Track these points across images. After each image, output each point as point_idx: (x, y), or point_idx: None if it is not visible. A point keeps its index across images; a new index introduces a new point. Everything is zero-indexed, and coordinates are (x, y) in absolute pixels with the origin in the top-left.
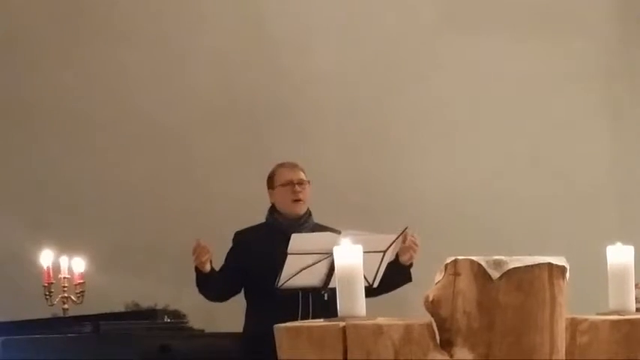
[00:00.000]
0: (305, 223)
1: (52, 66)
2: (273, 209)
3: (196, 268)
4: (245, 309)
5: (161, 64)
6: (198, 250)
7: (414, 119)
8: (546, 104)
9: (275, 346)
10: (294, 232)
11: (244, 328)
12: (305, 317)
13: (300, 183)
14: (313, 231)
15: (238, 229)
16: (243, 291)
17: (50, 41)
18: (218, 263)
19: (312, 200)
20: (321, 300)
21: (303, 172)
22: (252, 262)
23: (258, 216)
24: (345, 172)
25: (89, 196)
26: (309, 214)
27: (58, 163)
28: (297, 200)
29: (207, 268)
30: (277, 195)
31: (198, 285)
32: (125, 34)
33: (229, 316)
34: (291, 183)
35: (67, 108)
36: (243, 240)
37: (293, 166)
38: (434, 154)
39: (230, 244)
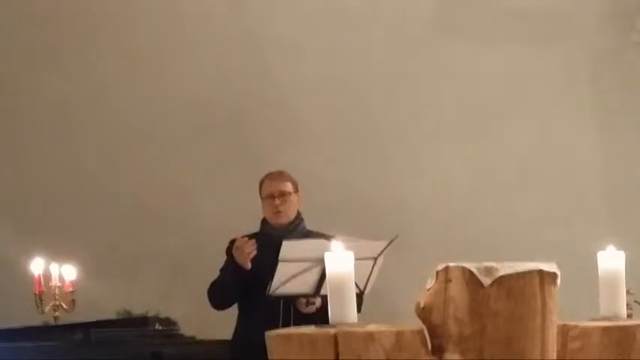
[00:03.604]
0: (294, 231)
1: (40, 74)
2: (264, 219)
3: (234, 267)
4: (236, 315)
5: (149, 71)
6: (245, 245)
7: (402, 125)
8: (536, 110)
9: (261, 353)
10: (283, 240)
11: (233, 334)
12: (286, 325)
13: (282, 195)
14: (305, 237)
15: (231, 238)
16: None
17: (37, 49)
18: (214, 270)
19: (302, 206)
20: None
21: (290, 181)
22: (242, 270)
23: (248, 222)
24: (334, 178)
25: (80, 204)
26: (299, 220)
27: (49, 171)
28: (278, 212)
29: (250, 264)
30: (263, 207)
31: (220, 286)
32: (112, 41)
33: (220, 323)
34: (271, 196)
35: (56, 116)
36: None
37: (277, 177)
38: (423, 160)
39: (222, 251)
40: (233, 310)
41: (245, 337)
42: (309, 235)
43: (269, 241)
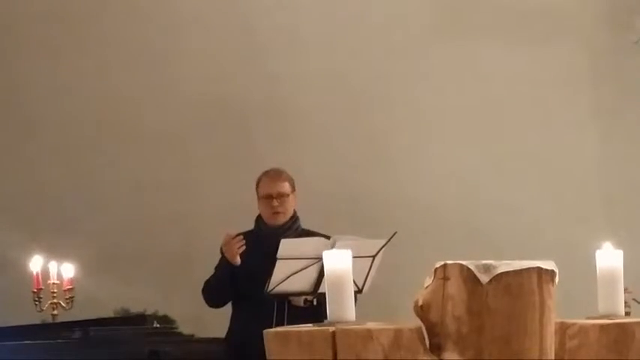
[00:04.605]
0: (289, 230)
1: (41, 72)
2: (259, 217)
3: (224, 264)
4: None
5: (150, 69)
6: (233, 241)
7: (402, 124)
8: (535, 108)
9: (255, 350)
10: (278, 239)
11: (227, 332)
12: (280, 324)
13: (280, 196)
14: (300, 236)
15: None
16: None
17: (40, 47)
18: (210, 268)
19: (299, 204)
20: (297, 307)
21: (288, 181)
22: (236, 268)
23: (247, 221)
24: (333, 176)
25: (78, 202)
26: (294, 219)
27: (47, 169)
28: (276, 213)
29: (239, 260)
30: (259, 206)
31: (213, 283)
32: (115, 39)
33: (218, 321)
34: (270, 197)
35: (56, 114)
36: None
37: (276, 177)
38: (422, 158)
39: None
40: (231, 309)
41: (239, 334)
42: (303, 233)
43: (264, 238)
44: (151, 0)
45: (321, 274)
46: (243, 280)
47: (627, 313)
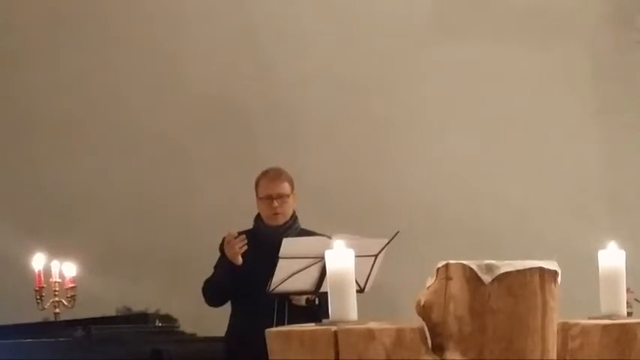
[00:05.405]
0: (288, 230)
1: (42, 71)
2: (258, 216)
3: (225, 263)
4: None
5: (152, 68)
6: (235, 241)
7: (404, 124)
8: (537, 108)
9: (253, 349)
10: (277, 239)
11: (226, 331)
12: (280, 323)
13: (280, 197)
14: (300, 236)
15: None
16: None
17: (41, 46)
18: (211, 268)
19: (301, 204)
20: (297, 306)
21: (288, 182)
22: (236, 267)
23: (247, 221)
24: (334, 176)
25: (80, 201)
26: (294, 219)
27: (49, 167)
28: (276, 214)
29: (240, 259)
30: (259, 206)
31: (213, 283)
32: (116, 38)
33: (220, 320)
34: (270, 197)
35: (58, 113)
36: None
37: (275, 178)
38: (424, 158)
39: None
40: (230, 308)
41: (238, 333)
42: (303, 233)
43: (263, 238)
44: (152, 0)
45: (323, 273)
46: (243, 279)
47: (629, 314)
